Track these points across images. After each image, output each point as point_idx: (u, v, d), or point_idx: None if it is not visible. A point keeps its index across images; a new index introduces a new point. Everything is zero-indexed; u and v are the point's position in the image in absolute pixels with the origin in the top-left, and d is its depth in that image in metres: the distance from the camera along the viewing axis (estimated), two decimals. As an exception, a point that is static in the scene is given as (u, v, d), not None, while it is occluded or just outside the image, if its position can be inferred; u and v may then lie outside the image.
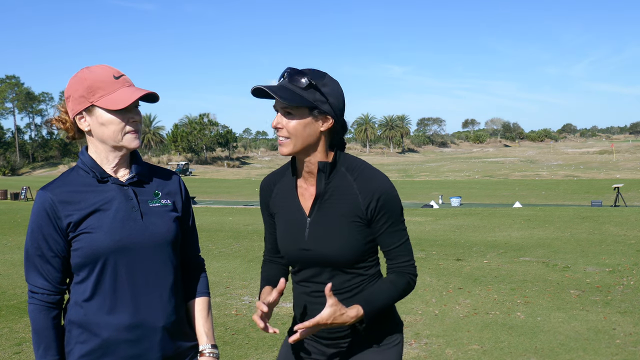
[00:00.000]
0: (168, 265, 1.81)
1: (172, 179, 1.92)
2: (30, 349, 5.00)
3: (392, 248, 1.89)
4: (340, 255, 1.85)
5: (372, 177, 1.87)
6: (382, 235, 1.87)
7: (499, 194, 33.80)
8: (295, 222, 1.92)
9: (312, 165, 1.88)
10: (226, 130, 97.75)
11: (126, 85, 1.77)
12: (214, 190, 43.38)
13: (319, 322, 1.76)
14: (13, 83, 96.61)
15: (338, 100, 1.85)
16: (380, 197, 1.83)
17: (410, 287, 1.91)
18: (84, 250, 1.71)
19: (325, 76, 1.85)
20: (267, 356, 4.78)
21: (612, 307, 6.16)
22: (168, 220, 1.82)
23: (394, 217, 1.86)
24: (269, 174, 2.08)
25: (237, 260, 9.69)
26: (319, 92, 1.81)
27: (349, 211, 1.84)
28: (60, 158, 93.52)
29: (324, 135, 1.86)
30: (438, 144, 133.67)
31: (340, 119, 1.88)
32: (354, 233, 1.85)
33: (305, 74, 1.81)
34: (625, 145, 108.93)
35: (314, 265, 1.91)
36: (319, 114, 1.83)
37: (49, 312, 1.74)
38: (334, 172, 1.89)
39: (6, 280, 8.11)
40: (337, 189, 1.87)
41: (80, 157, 1.82)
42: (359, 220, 1.84)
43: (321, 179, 1.87)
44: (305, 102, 1.80)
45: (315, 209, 1.89)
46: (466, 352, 4.80)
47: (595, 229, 12.97)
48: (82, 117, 1.77)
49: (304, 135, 1.83)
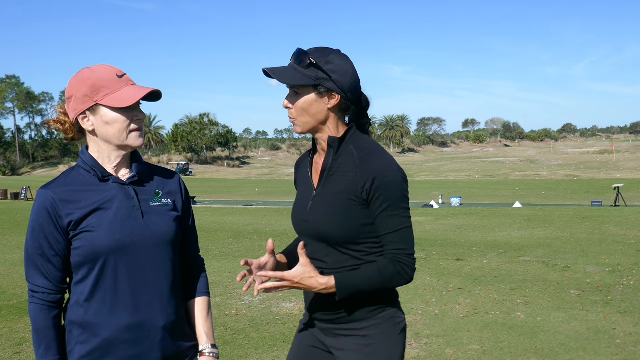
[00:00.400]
0: (168, 264, 1.81)
1: (173, 179, 1.92)
2: (30, 349, 5.00)
3: (387, 233, 1.83)
4: (331, 230, 1.85)
5: (375, 159, 1.85)
6: (377, 218, 1.83)
7: (499, 193, 33.81)
8: (304, 195, 1.98)
9: (324, 142, 1.93)
10: (226, 130, 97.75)
11: (129, 84, 1.78)
12: (214, 190, 43.40)
13: (285, 277, 1.79)
14: (13, 83, 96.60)
15: (344, 77, 1.85)
16: (376, 178, 1.80)
17: (402, 277, 1.83)
18: (84, 249, 1.71)
19: (331, 54, 1.87)
20: (267, 356, 4.78)
21: (612, 307, 6.16)
22: (169, 220, 1.82)
23: (390, 200, 1.81)
24: (303, 153, 2.13)
25: (237, 260, 9.69)
26: (321, 70, 1.83)
27: (346, 188, 1.85)
28: (61, 158, 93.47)
29: (332, 112, 1.89)
30: (438, 143, 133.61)
31: (350, 95, 1.88)
32: (348, 211, 1.84)
33: (307, 53, 1.85)
34: (625, 145, 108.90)
35: (312, 238, 1.93)
36: (324, 92, 1.85)
37: (49, 312, 1.74)
38: (342, 149, 1.90)
39: (6, 280, 8.11)
40: (342, 165, 1.89)
41: (81, 157, 1.82)
42: (354, 199, 1.84)
43: (329, 154, 1.91)
44: (307, 81, 1.83)
45: (321, 184, 1.91)
46: (466, 352, 4.80)
47: (595, 229, 12.96)
48: (86, 117, 1.77)
49: (310, 113, 1.87)
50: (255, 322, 5.82)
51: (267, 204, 28.15)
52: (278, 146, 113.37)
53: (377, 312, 1.90)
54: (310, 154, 2.05)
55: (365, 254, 1.87)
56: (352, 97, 1.89)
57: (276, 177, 66.79)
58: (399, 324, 1.93)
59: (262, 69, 1.86)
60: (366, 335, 1.90)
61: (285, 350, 4.92)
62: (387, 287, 1.85)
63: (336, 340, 1.95)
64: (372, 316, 1.90)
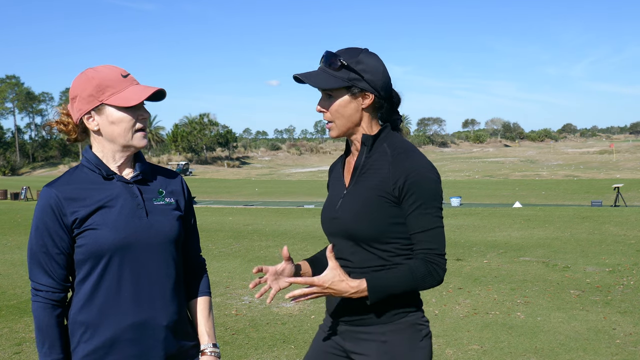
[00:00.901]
0: (171, 263, 1.81)
1: (175, 179, 1.93)
2: (30, 348, 5.00)
3: (418, 232, 1.80)
4: (359, 226, 1.82)
5: (409, 157, 1.83)
6: (409, 217, 1.80)
7: (499, 194, 33.79)
8: (335, 194, 1.97)
9: (358, 142, 1.92)
10: (226, 130, 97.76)
11: (134, 83, 1.78)
12: (214, 190, 43.37)
13: (315, 282, 1.74)
14: (13, 83, 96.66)
15: (376, 76, 1.85)
16: (409, 176, 1.78)
17: (433, 278, 1.79)
18: (88, 247, 1.71)
19: (360, 53, 1.86)
20: (267, 356, 4.78)
21: (612, 307, 6.16)
22: (172, 219, 1.82)
23: (423, 199, 1.78)
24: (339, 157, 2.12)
25: (237, 260, 9.69)
26: (353, 70, 1.83)
27: (377, 185, 1.83)
28: (60, 158, 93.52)
29: (366, 111, 1.89)
30: (438, 143, 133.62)
31: (383, 93, 1.88)
32: (377, 208, 1.82)
33: (337, 55, 1.84)
34: (625, 145, 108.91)
35: (340, 236, 1.89)
36: (357, 92, 1.85)
37: (53, 310, 1.74)
38: (375, 148, 1.89)
39: (6, 280, 8.11)
40: (375, 163, 1.87)
41: (85, 155, 1.82)
42: (385, 196, 1.81)
43: (362, 152, 1.90)
44: (340, 83, 1.83)
45: (353, 181, 1.91)
46: (466, 352, 4.80)
47: (595, 229, 12.96)
48: (91, 117, 1.77)
49: (345, 115, 1.86)
50: (255, 322, 5.82)
51: (267, 204, 28.14)
52: (278, 146, 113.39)
53: (400, 316, 1.86)
54: (343, 156, 2.05)
55: (392, 254, 1.84)
56: (385, 94, 1.89)
57: (276, 177, 66.80)
58: (421, 330, 1.88)
59: (293, 75, 1.85)
60: (387, 341, 1.85)
61: (285, 350, 4.92)
62: (419, 288, 1.81)
63: (356, 344, 1.90)
64: (394, 320, 1.85)
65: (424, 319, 1.91)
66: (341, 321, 1.93)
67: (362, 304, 1.82)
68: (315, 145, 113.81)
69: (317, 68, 1.90)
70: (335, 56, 1.84)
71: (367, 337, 1.87)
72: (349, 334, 1.92)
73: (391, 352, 1.84)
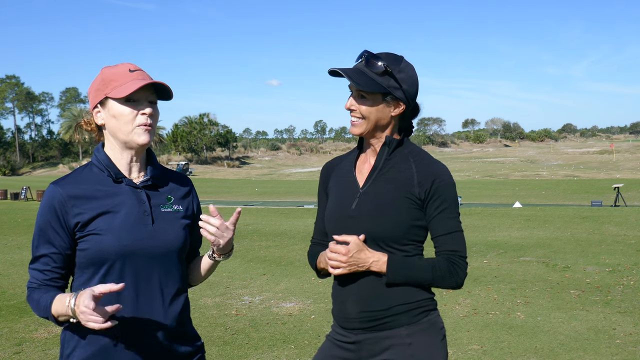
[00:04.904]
0: (174, 272, 1.79)
1: (185, 184, 1.92)
2: (30, 348, 5.00)
3: (442, 234, 1.83)
4: (381, 224, 1.82)
5: (432, 163, 1.89)
6: (433, 220, 1.83)
7: (499, 194, 33.78)
8: (346, 194, 1.94)
9: (378, 142, 1.92)
10: (226, 130, 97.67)
11: (140, 77, 1.75)
12: (214, 190, 43.33)
13: (341, 249, 1.78)
14: (13, 83, 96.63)
15: (412, 87, 1.88)
16: (436, 180, 1.83)
17: (452, 278, 1.80)
18: (90, 252, 1.69)
19: (402, 62, 1.87)
20: (267, 356, 4.78)
21: (612, 307, 6.16)
22: (178, 228, 1.80)
23: (447, 203, 1.84)
24: (333, 158, 2.12)
25: (237, 260, 9.69)
26: (394, 78, 1.84)
27: (402, 186, 1.84)
28: (60, 158, 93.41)
29: (394, 119, 1.90)
30: (438, 143, 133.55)
31: (412, 104, 1.91)
32: (400, 208, 1.83)
33: (381, 59, 1.84)
34: (625, 145, 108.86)
35: (355, 235, 1.86)
36: (391, 100, 1.86)
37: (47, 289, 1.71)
38: (397, 152, 1.91)
39: (6, 280, 8.11)
40: (396, 165, 1.89)
41: (96, 154, 1.79)
42: (409, 197, 1.83)
43: (383, 152, 1.90)
44: (380, 89, 1.83)
45: (370, 181, 1.90)
46: (466, 352, 4.80)
47: (595, 229, 12.97)
48: (98, 111, 1.78)
49: (375, 118, 1.87)
50: (255, 322, 5.82)
51: (267, 204, 28.11)
52: (278, 146, 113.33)
53: (422, 315, 1.85)
54: (349, 158, 2.04)
55: (407, 254, 1.85)
56: (413, 105, 1.91)
57: (276, 177, 66.78)
58: (441, 329, 1.89)
59: (329, 69, 1.84)
60: (412, 343, 1.82)
61: (285, 350, 4.92)
62: (436, 285, 1.82)
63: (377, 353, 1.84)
64: (417, 320, 1.84)
65: (440, 317, 1.92)
66: (357, 330, 1.87)
67: (380, 308, 1.82)
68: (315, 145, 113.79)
69: (354, 65, 1.89)
70: (379, 59, 1.84)
71: (389, 342, 1.83)
72: (367, 343, 1.86)
73: (417, 355, 1.81)
